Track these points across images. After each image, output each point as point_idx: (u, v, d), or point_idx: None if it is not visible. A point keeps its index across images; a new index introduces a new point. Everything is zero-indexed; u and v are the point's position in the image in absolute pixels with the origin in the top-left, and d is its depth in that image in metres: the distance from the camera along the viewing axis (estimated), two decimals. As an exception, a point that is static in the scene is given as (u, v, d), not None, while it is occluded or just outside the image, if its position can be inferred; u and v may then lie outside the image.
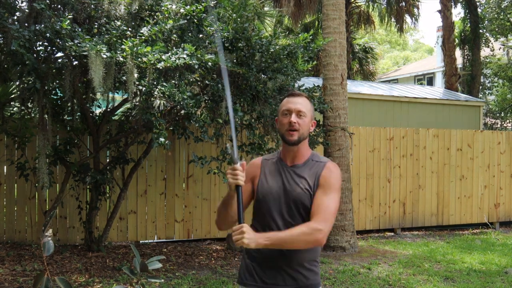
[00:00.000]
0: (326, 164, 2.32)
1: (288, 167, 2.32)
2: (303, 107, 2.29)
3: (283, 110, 2.31)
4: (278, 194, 2.27)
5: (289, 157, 2.33)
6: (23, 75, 5.02)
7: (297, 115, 2.27)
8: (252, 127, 5.50)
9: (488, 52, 18.49)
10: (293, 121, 2.24)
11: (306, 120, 2.29)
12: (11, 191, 6.71)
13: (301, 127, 2.27)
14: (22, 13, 5.25)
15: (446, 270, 6.19)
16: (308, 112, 2.31)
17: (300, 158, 2.33)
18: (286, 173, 2.31)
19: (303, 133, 2.28)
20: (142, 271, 2.27)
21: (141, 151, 6.77)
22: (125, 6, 5.12)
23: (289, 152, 2.32)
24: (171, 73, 5.29)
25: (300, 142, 2.28)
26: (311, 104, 2.37)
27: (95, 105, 6.50)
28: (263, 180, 2.33)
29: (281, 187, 2.28)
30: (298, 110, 2.27)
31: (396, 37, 36.65)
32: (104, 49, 4.45)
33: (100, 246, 6.37)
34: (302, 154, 2.33)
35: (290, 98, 2.34)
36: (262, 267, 2.27)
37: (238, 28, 5.26)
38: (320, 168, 2.29)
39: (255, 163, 2.40)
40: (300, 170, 2.30)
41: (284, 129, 2.28)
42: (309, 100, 2.37)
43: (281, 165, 2.34)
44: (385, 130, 8.67)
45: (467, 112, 11.26)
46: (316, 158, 2.35)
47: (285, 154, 2.35)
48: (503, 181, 9.57)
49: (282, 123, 2.30)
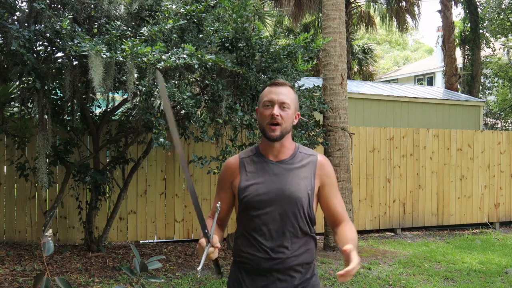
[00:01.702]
0: (319, 159, 2.11)
1: (274, 163, 2.07)
2: (287, 97, 2.05)
3: (264, 101, 2.05)
4: (267, 195, 2.02)
5: (271, 153, 2.09)
6: (23, 75, 5.01)
7: (280, 107, 2.03)
8: (252, 127, 5.50)
9: (488, 52, 18.49)
10: (275, 113, 2.00)
11: (289, 113, 2.05)
12: (11, 191, 6.71)
13: (284, 121, 2.03)
14: (22, 13, 5.24)
15: (446, 270, 6.19)
16: (292, 103, 2.07)
17: (285, 152, 2.09)
18: (274, 170, 2.06)
19: (286, 127, 2.04)
20: (142, 271, 2.27)
21: (141, 151, 6.77)
22: (125, 6, 5.12)
23: (271, 147, 2.08)
24: (171, 73, 5.29)
25: (283, 137, 2.04)
26: (295, 94, 2.13)
27: (95, 105, 6.50)
28: (246, 181, 2.06)
29: (271, 186, 2.03)
30: (281, 102, 2.03)
31: (396, 37, 36.65)
32: (104, 49, 4.45)
33: (100, 246, 6.37)
34: (287, 148, 2.10)
35: (272, 87, 2.08)
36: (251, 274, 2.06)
37: (238, 28, 5.26)
38: (313, 163, 2.09)
39: (231, 164, 2.13)
40: (289, 165, 2.07)
41: (266, 122, 2.03)
42: (293, 89, 2.12)
43: (264, 161, 2.08)
44: (385, 130, 8.67)
45: (467, 112, 11.26)
46: (304, 150, 2.13)
47: (266, 149, 2.10)
48: (503, 181, 9.56)
49: (263, 115, 2.05)
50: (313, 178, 2.06)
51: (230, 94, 5.33)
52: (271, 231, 2.01)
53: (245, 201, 2.03)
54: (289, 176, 2.04)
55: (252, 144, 5.73)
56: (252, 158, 2.11)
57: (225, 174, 2.12)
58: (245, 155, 2.14)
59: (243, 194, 2.03)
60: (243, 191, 2.04)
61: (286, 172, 2.05)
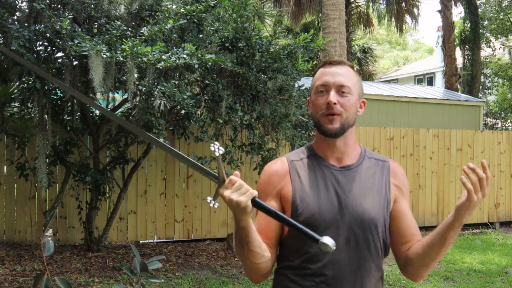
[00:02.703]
0: (392, 165, 1.66)
1: (338, 169, 1.58)
2: (347, 79, 1.57)
3: (317, 86, 1.60)
4: (333, 213, 1.52)
5: (332, 154, 1.60)
6: (23, 75, 5.02)
7: (338, 92, 1.56)
8: (252, 127, 5.50)
9: (488, 52, 18.50)
10: (332, 101, 1.53)
11: (351, 99, 1.57)
12: (11, 191, 6.71)
13: (346, 109, 1.55)
14: (22, 13, 5.25)
15: (446, 270, 6.19)
16: (354, 87, 1.59)
17: (351, 154, 1.62)
18: (339, 180, 1.56)
19: (348, 118, 1.56)
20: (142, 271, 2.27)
21: (141, 151, 6.77)
22: (125, 6, 5.12)
23: (330, 147, 1.59)
24: (171, 73, 5.29)
25: (344, 132, 1.57)
26: (357, 76, 1.65)
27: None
28: (302, 191, 1.55)
29: (337, 202, 1.53)
30: (339, 85, 1.56)
31: (396, 37, 36.67)
32: (104, 49, 4.45)
33: (100, 246, 6.37)
34: (352, 148, 1.63)
35: (327, 67, 1.61)
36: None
37: (238, 28, 5.26)
38: (386, 170, 1.63)
39: (278, 169, 1.61)
40: (358, 173, 1.59)
41: (320, 113, 1.56)
42: (353, 69, 1.64)
43: (324, 166, 1.59)
44: (385, 130, 8.67)
45: (467, 112, 11.26)
46: (370, 154, 1.67)
47: (324, 150, 1.61)
48: (503, 181, 9.56)
49: (316, 105, 1.59)
50: (388, 191, 1.59)
51: (230, 94, 5.33)
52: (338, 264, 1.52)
53: (300, 219, 1.51)
54: (360, 188, 1.56)
55: (252, 144, 5.70)
56: (305, 162, 1.61)
57: (269, 182, 1.59)
58: (296, 157, 1.64)
59: (298, 209, 1.52)
60: (299, 204, 1.53)
61: (355, 182, 1.57)
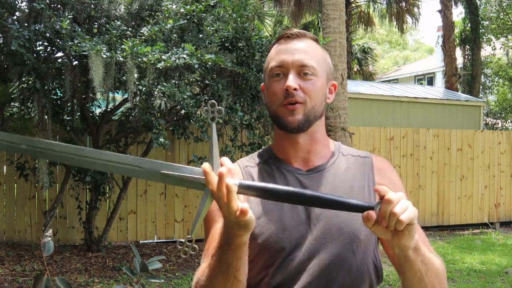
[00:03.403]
0: (375, 161, 1.30)
1: (304, 174, 1.23)
2: (310, 57, 1.21)
3: (272, 68, 1.23)
4: (301, 230, 1.17)
5: (296, 155, 1.25)
6: (23, 75, 5.02)
7: (299, 74, 1.20)
8: (252, 127, 5.50)
9: (489, 52, 18.50)
10: (291, 86, 1.17)
11: (317, 83, 1.21)
12: (11, 191, 6.70)
13: (310, 96, 1.20)
14: (22, 13, 5.25)
15: (446, 270, 6.16)
16: (320, 67, 1.23)
17: (320, 152, 1.27)
18: (306, 186, 1.21)
19: (313, 107, 1.20)
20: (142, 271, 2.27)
21: (141, 151, 6.76)
22: (125, 6, 5.12)
23: (293, 145, 1.24)
24: (171, 73, 5.28)
25: (310, 125, 1.21)
26: (323, 51, 1.28)
27: (95, 105, 6.50)
28: (258, 206, 1.19)
29: (305, 214, 1.18)
30: (300, 64, 1.20)
31: (396, 37, 36.68)
32: (104, 49, 4.45)
33: (100, 246, 6.36)
34: (322, 145, 1.28)
35: (283, 43, 1.24)
36: None
37: (238, 28, 5.26)
38: (367, 168, 1.27)
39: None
40: (332, 176, 1.24)
41: (277, 103, 1.20)
42: (317, 43, 1.27)
43: (287, 171, 1.24)
44: (385, 130, 8.67)
45: (467, 112, 11.26)
46: (346, 150, 1.32)
47: (286, 151, 1.26)
48: (503, 181, 9.56)
49: (272, 93, 1.22)
50: (372, 192, 1.23)
51: (230, 94, 5.33)
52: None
53: (259, 241, 1.17)
54: (334, 193, 1.15)
55: (252, 144, 5.69)
56: (263, 168, 1.26)
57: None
58: (251, 162, 1.29)
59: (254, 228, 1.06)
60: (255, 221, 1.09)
61: (328, 187, 1.21)
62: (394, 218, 0.93)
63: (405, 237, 0.97)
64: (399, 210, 0.93)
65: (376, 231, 0.96)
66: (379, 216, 0.93)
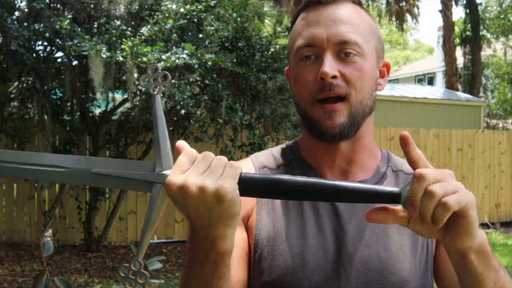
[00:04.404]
0: None
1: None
2: (354, 29, 0.90)
3: (298, 48, 0.91)
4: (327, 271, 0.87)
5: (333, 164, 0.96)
6: (23, 74, 5.01)
7: (339, 54, 0.89)
8: (252, 127, 5.49)
9: (489, 52, 18.49)
10: (329, 73, 0.86)
11: (365, 65, 0.90)
12: (10, 191, 6.69)
13: (356, 87, 0.90)
14: (22, 13, 5.24)
15: (447, 270, 6.18)
16: (368, 42, 0.92)
17: (364, 164, 0.98)
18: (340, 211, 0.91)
19: (361, 102, 0.93)
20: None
21: (140, 151, 6.75)
22: (125, 6, 5.11)
23: (330, 153, 0.95)
24: (171, 73, 5.28)
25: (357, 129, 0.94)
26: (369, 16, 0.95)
27: (95, 105, 6.49)
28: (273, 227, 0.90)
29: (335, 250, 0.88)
30: (340, 40, 0.88)
31: (397, 37, 36.69)
32: (104, 49, 4.45)
33: (99, 246, 6.35)
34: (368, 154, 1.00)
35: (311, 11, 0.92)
36: None
37: (238, 28, 5.25)
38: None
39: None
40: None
41: (310, 97, 0.90)
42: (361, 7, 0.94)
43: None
44: (385, 130, 8.66)
45: (467, 112, 11.25)
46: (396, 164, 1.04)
47: (318, 156, 0.96)
48: (503, 181, 9.55)
49: (301, 83, 0.91)
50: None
51: (230, 94, 5.32)
52: None
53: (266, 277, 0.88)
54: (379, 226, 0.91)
55: (252, 144, 5.67)
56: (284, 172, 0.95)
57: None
58: (270, 162, 0.99)
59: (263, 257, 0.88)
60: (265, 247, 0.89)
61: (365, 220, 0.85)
62: (431, 201, 0.63)
63: (460, 234, 0.68)
64: (440, 189, 0.64)
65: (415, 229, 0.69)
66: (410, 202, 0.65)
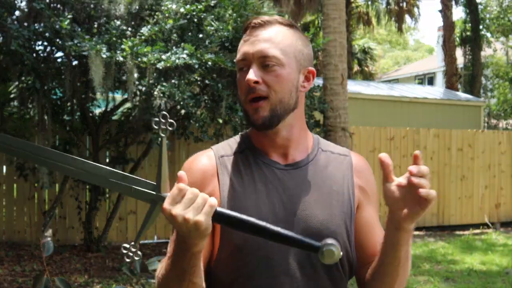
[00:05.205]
0: (355, 160, 1.26)
1: (283, 169, 1.16)
2: (274, 45, 1.12)
3: (237, 62, 1.17)
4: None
5: (274, 148, 1.18)
6: (23, 74, 5.01)
7: (260, 65, 1.11)
8: (252, 127, 5.49)
9: (489, 52, 18.50)
10: (251, 79, 1.10)
11: (283, 72, 1.12)
12: (10, 191, 6.69)
13: (274, 89, 1.11)
14: (22, 13, 5.24)
15: (447, 270, 6.18)
16: (287, 55, 1.13)
17: (298, 146, 1.19)
18: (285, 182, 1.14)
19: (281, 100, 1.12)
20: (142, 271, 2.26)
21: (141, 151, 6.75)
22: (125, 6, 5.11)
23: (270, 139, 1.17)
24: (171, 73, 5.28)
25: (279, 121, 1.14)
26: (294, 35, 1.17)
27: (95, 105, 6.49)
28: (233, 202, 1.12)
29: (283, 213, 1.11)
30: (261, 56, 1.11)
31: (397, 37, 36.69)
32: (104, 49, 4.45)
33: (99, 246, 6.35)
34: (302, 139, 1.21)
35: (247, 35, 1.16)
36: None
37: (238, 28, 5.24)
38: (347, 167, 1.22)
39: (203, 166, 1.17)
40: (312, 172, 1.17)
41: (243, 98, 1.14)
42: (289, 28, 1.17)
43: (265, 164, 1.16)
44: (385, 130, 8.66)
45: (467, 112, 11.26)
46: (326, 146, 1.27)
47: (263, 142, 1.18)
48: (504, 181, 9.55)
49: (239, 88, 1.17)
50: (351, 194, 1.20)
51: (230, 94, 5.32)
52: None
53: (233, 242, 1.09)
54: (314, 192, 1.15)
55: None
56: (240, 158, 1.18)
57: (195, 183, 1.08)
58: (227, 151, 1.21)
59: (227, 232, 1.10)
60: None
61: (307, 184, 1.16)
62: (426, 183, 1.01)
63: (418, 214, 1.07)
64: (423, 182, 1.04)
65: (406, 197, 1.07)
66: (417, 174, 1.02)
